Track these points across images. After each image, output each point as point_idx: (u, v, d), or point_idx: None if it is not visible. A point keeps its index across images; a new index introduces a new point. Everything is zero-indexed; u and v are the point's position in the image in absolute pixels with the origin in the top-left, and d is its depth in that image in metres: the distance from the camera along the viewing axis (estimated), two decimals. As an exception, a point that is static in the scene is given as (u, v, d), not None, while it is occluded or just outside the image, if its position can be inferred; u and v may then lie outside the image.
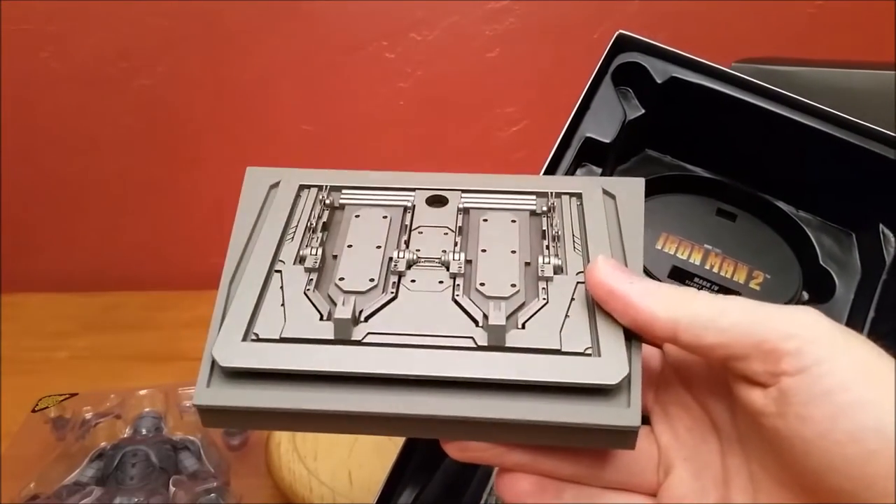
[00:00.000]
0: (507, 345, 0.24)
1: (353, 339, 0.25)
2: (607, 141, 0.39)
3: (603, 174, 0.40)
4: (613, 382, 0.23)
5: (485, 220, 0.29)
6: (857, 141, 0.37)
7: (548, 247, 0.28)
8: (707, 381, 0.25)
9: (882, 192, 0.38)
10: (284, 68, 0.81)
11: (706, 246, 0.41)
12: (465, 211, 0.30)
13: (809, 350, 0.20)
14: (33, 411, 0.58)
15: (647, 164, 0.44)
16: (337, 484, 0.51)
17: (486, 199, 0.30)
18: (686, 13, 0.80)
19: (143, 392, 0.59)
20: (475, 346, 0.24)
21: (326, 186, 0.31)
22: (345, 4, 0.79)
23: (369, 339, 0.25)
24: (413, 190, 0.31)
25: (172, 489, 0.48)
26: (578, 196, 0.30)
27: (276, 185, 0.32)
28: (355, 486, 0.52)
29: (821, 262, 0.41)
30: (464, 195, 0.30)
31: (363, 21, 0.80)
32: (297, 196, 0.31)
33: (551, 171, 0.38)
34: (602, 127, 0.39)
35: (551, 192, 0.30)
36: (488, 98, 0.84)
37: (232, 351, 0.25)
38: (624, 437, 0.23)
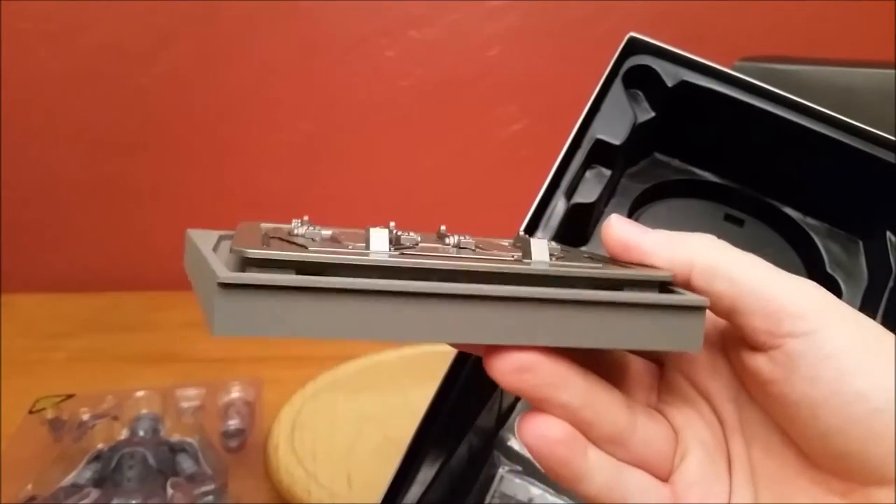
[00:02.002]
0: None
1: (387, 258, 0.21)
2: (617, 143, 0.39)
3: (612, 176, 0.40)
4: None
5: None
6: (866, 148, 0.37)
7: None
8: (708, 372, 0.25)
9: (890, 200, 0.38)
10: (283, 66, 0.81)
11: None
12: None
13: (816, 315, 0.21)
14: (30, 412, 0.58)
15: (655, 167, 0.44)
16: (335, 486, 0.51)
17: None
18: (688, 12, 0.80)
19: (140, 393, 0.59)
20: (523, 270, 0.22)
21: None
22: (344, 2, 0.79)
23: (401, 261, 0.21)
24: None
25: (170, 491, 0.48)
26: None
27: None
28: (354, 488, 0.51)
29: (827, 269, 0.41)
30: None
31: (362, 19, 0.80)
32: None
33: (561, 171, 0.38)
34: (612, 129, 0.39)
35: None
36: (489, 97, 0.84)
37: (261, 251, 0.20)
38: (692, 327, 0.22)
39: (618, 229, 0.25)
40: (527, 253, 0.24)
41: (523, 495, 0.40)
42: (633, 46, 0.39)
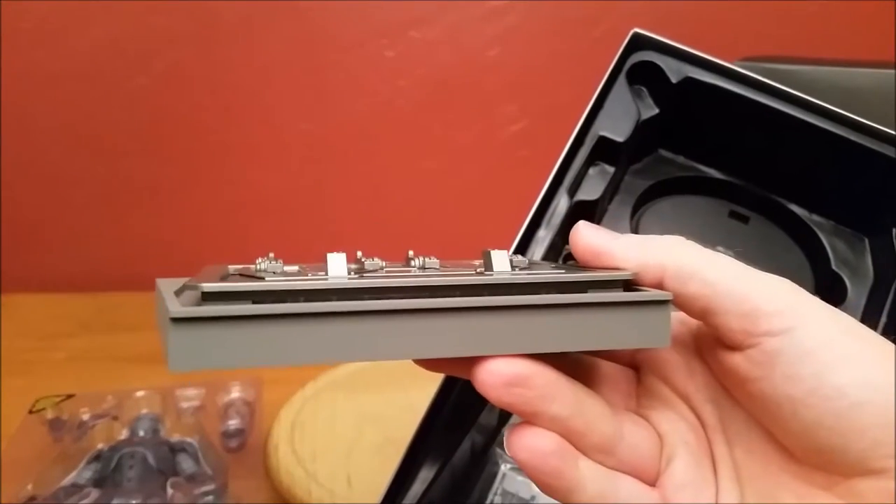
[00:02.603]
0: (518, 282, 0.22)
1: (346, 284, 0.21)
2: (621, 140, 0.39)
3: (615, 173, 0.40)
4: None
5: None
6: (872, 145, 0.37)
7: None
8: (685, 374, 0.25)
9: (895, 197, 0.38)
10: (283, 67, 0.81)
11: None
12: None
13: (792, 313, 0.21)
14: (30, 412, 0.58)
15: (659, 164, 0.43)
16: (335, 486, 0.51)
17: None
18: (688, 12, 0.80)
19: (140, 393, 0.59)
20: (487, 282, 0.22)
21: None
22: (344, 2, 0.79)
23: (359, 283, 0.21)
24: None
25: (170, 491, 0.48)
26: None
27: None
28: (354, 488, 0.51)
29: (833, 267, 0.41)
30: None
31: (362, 19, 0.80)
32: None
33: (564, 169, 0.38)
34: (616, 126, 0.39)
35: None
36: (488, 97, 0.84)
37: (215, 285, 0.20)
38: (658, 321, 0.22)
39: (586, 236, 0.25)
40: (488, 265, 0.24)
41: (525, 493, 0.40)
42: (638, 43, 0.39)
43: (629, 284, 0.24)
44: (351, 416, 0.60)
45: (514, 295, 0.22)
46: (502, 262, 0.24)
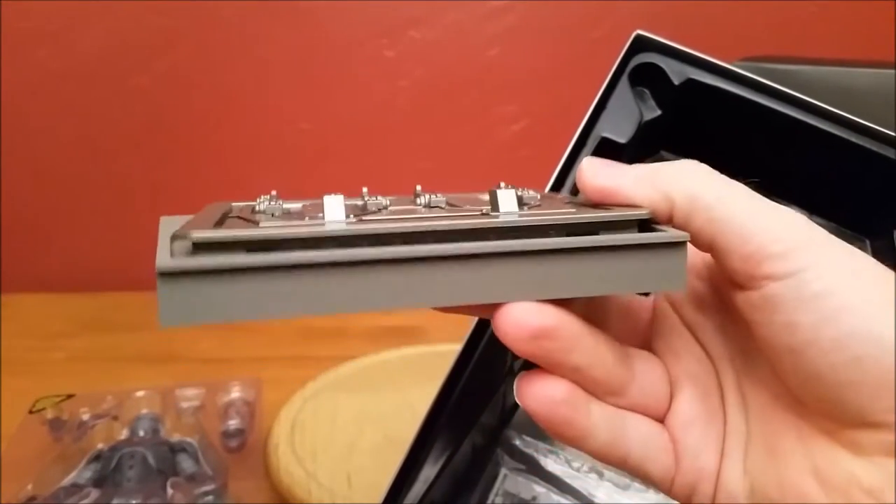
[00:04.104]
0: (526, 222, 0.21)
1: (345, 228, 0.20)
2: (623, 141, 0.39)
3: None
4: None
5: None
6: (874, 146, 0.37)
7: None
8: (695, 305, 0.25)
9: (896, 199, 0.38)
10: (283, 67, 0.81)
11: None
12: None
13: (798, 255, 0.20)
14: (30, 412, 0.58)
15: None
16: (335, 486, 0.51)
17: None
18: (687, 12, 0.80)
19: (140, 393, 0.59)
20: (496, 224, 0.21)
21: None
22: (344, 2, 0.79)
23: (357, 229, 0.20)
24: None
25: (170, 491, 0.48)
26: None
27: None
28: (354, 488, 0.51)
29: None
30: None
31: (362, 19, 0.80)
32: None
33: (566, 170, 0.38)
34: (618, 127, 0.39)
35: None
36: (488, 97, 0.84)
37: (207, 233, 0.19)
38: (673, 264, 0.21)
39: (591, 176, 0.23)
40: (495, 205, 0.23)
41: (526, 494, 0.40)
42: (640, 44, 0.39)
43: (646, 223, 0.22)
44: (351, 416, 0.60)
45: (520, 239, 0.20)
46: (509, 202, 0.23)
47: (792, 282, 0.19)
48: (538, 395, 0.21)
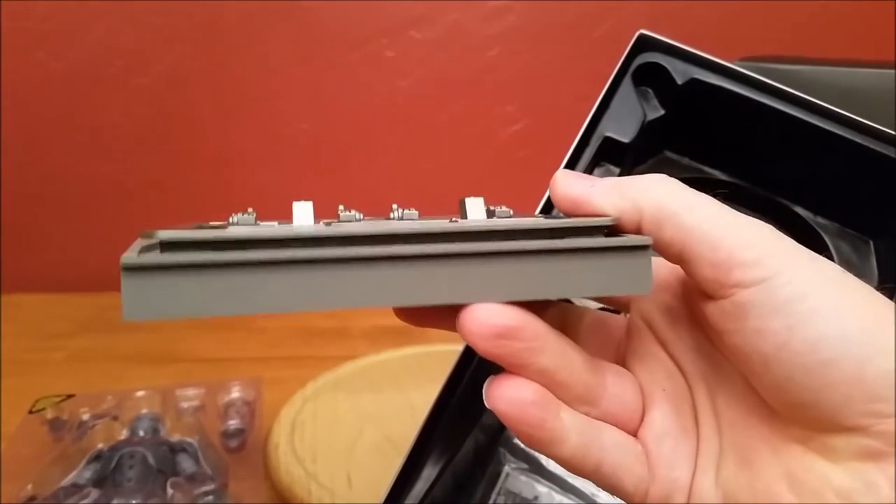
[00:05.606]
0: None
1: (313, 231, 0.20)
2: (626, 141, 0.39)
3: (621, 174, 0.40)
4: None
5: None
6: (878, 147, 0.37)
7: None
8: (668, 320, 0.25)
9: (901, 200, 0.38)
10: (283, 67, 0.81)
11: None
12: None
13: (768, 263, 0.20)
14: (30, 412, 0.58)
15: (664, 165, 0.43)
16: (336, 486, 0.51)
17: None
18: (687, 12, 0.80)
19: (140, 393, 0.59)
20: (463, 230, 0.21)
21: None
22: (344, 2, 0.79)
23: (325, 231, 0.20)
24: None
25: (170, 491, 0.48)
26: None
27: None
28: (354, 488, 0.51)
29: (837, 269, 0.41)
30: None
31: (363, 19, 0.80)
32: None
33: (570, 169, 0.38)
34: (621, 127, 0.39)
35: None
36: (489, 97, 0.84)
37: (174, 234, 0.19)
38: (639, 267, 0.21)
39: (563, 185, 0.23)
40: (463, 213, 0.23)
41: (529, 493, 0.40)
42: (643, 44, 0.39)
43: (613, 230, 0.22)
44: (351, 416, 0.60)
45: (486, 242, 0.20)
46: (477, 210, 0.23)
47: (763, 288, 0.20)
48: (507, 396, 0.21)
